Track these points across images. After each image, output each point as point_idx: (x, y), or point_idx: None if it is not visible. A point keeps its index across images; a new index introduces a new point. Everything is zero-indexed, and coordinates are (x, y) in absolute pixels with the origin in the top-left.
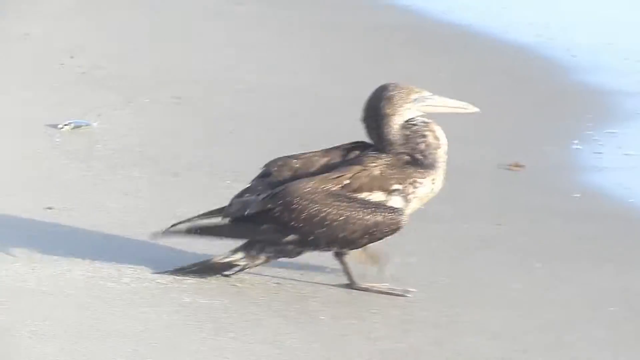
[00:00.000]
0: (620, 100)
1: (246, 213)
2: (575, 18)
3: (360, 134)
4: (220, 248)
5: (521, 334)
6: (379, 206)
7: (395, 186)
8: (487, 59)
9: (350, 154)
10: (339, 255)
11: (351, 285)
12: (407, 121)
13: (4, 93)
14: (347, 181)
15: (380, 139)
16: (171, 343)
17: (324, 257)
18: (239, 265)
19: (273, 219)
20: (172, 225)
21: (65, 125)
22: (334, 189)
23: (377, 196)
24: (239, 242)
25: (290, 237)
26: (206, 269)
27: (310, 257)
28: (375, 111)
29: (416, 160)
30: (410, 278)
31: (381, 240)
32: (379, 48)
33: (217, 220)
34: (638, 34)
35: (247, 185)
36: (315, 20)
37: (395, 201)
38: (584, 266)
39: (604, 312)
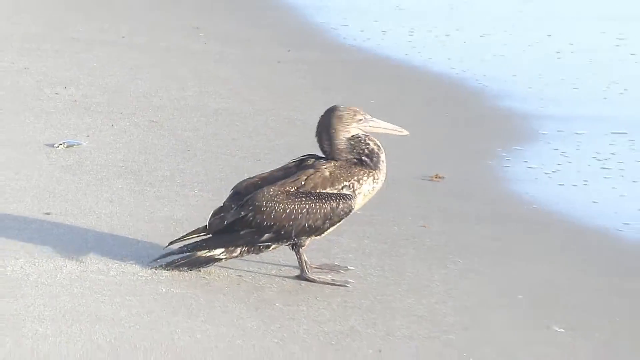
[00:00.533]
0: (524, 122)
1: (225, 223)
2: (484, 54)
3: (305, 150)
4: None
5: (441, 316)
6: (332, 195)
7: (344, 183)
8: (411, 88)
9: (304, 164)
10: (296, 248)
11: (301, 275)
12: (352, 136)
13: (8, 117)
14: (303, 182)
15: (331, 149)
16: (150, 326)
17: (278, 254)
18: (219, 258)
19: (248, 223)
20: (164, 251)
21: (60, 144)
22: (292, 189)
23: (328, 192)
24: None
25: (266, 236)
26: (192, 262)
27: (265, 254)
28: (327, 127)
29: (362, 162)
30: (349, 272)
31: (339, 223)
32: (324, 79)
33: (200, 238)
34: (537, 67)
35: (221, 206)
36: (269, 57)
37: None
38: (495, 261)
39: (512, 299)
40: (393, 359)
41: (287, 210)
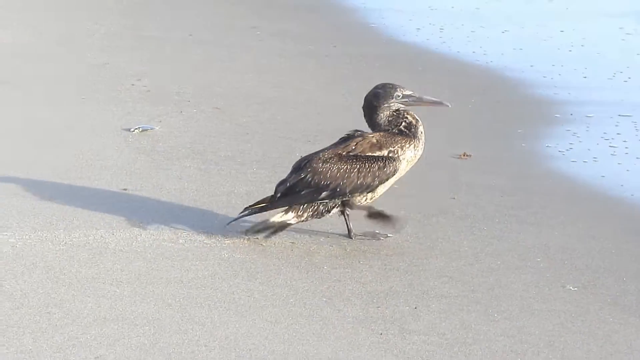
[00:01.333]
0: (541, 107)
1: (288, 184)
2: (505, 48)
3: (349, 128)
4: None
5: (470, 277)
6: (380, 157)
7: (390, 148)
8: (442, 77)
9: (352, 135)
10: (344, 211)
11: (349, 235)
12: (392, 111)
13: (90, 106)
14: (353, 147)
15: (371, 123)
16: (214, 287)
17: (325, 224)
18: (290, 223)
19: (307, 184)
20: (236, 218)
21: (136, 129)
22: (343, 153)
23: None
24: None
25: (324, 194)
26: (266, 227)
27: (315, 224)
28: (369, 103)
29: (402, 132)
30: (389, 238)
31: (388, 182)
32: (365, 70)
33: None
34: (551, 59)
35: (283, 178)
36: (317, 51)
37: None
38: (516, 228)
39: (531, 261)
40: (427, 315)
41: (341, 170)
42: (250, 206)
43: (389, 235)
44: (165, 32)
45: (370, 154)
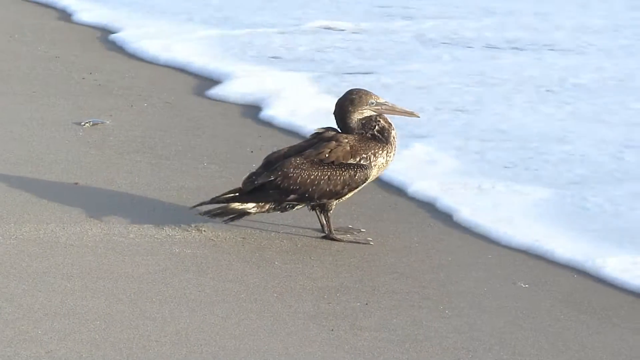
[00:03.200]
0: None
1: (255, 183)
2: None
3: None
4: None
5: (420, 273)
6: (351, 165)
7: (363, 155)
8: None
9: (325, 134)
10: (324, 212)
11: (328, 236)
12: (365, 117)
13: (41, 99)
14: (327, 155)
15: (344, 127)
16: (165, 282)
17: (276, 218)
18: (250, 212)
19: (276, 186)
20: (200, 203)
21: (86, 122)
22: (316, 160)
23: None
24: None
25: (291, 197)
26: (226, 212)
27: (267, 218)
28: (342, 108)
29: (375, 137)
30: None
31: (357, 190)
32: None
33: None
34: None
35: (253, 171)
36: None
37: None
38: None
39: (482, 258)
40: (378, 311)
41: (312, 177)
42: (217, 197)
43: (362, 230)
44: None
45: (343, 161)
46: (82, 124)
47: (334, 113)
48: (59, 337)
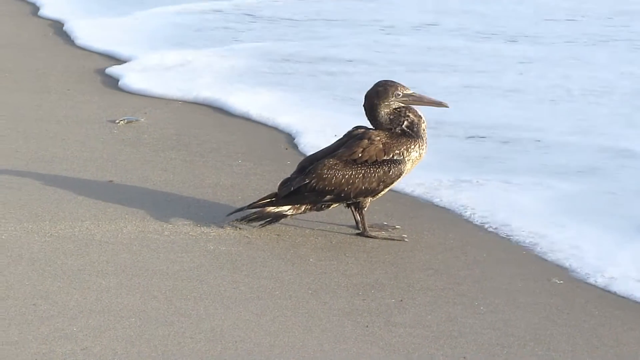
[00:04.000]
0: None
1: (291, 188)
2: None
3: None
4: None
5: (455, 270)
6: (385, 161)
7: (396, 151)
8: None
9: (356, 133)
10: (359, 209)
11: (363, 233)
12: (393, 109)
13: (76, 97)
14: (360, 154)
15: (373, 120)
16: (200, 279)
17: (312, 216)
18: (287, 214)
19: (312, 188)
20: (236, 210)
21: (121, 120)
22: (349, 159)
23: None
24: None
25: (327, 197)
26: (262, 216)
27: (301, 215)
28: (370, 101)
29: (406, 133)
30: (397, 229)
31: (393, 185)
32: None
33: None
34: None
35: (288, 177)
36: None
37: None
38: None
39: (517, 254)
40: (413, 307)
41: (346, 176)
42: (253, 203)
43: (396, 226)
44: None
45: (377, 159)
46: (117, 121)
47: (363, 105)
48: (94, 334)
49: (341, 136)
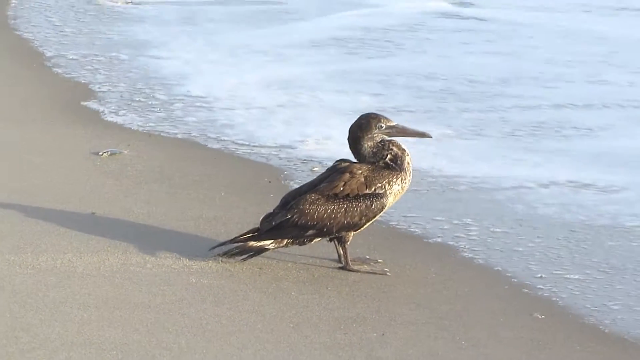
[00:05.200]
0: None
1: (273, 223)
2: None
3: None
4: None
5: (437, 304)
6: (367, 195)
7: (377, 184)
8: None
9: (339, 167)
10: (341, 243)
11: (345, 267)
12: (376, 142)
13: (59, 129)
14: (342, 188)
15: (356, 154)
16: (182, 312)
17: (294, 249)
18: (268, 248)
19: (294, 224)
20: (219, 244)
21: (104, 152)
22: (331, 194)
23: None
24: None
25: (310, 232)
26: (244, 250)
27: (283, 248)
28: (354, 134)
29: (389, 166)
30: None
31: (375, 219)
32: None
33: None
34: None
35: (270, 212)
36: None
37: None
38: (483, 254)
39: (499, 288)
40: (395, 341)
41: (329, 211)
42: (235, 238)
43: (378, 260)
44: None
45: (358, 192)
46: (100, 153)
47: (347, 139)
48: None
49: (324, 170)
